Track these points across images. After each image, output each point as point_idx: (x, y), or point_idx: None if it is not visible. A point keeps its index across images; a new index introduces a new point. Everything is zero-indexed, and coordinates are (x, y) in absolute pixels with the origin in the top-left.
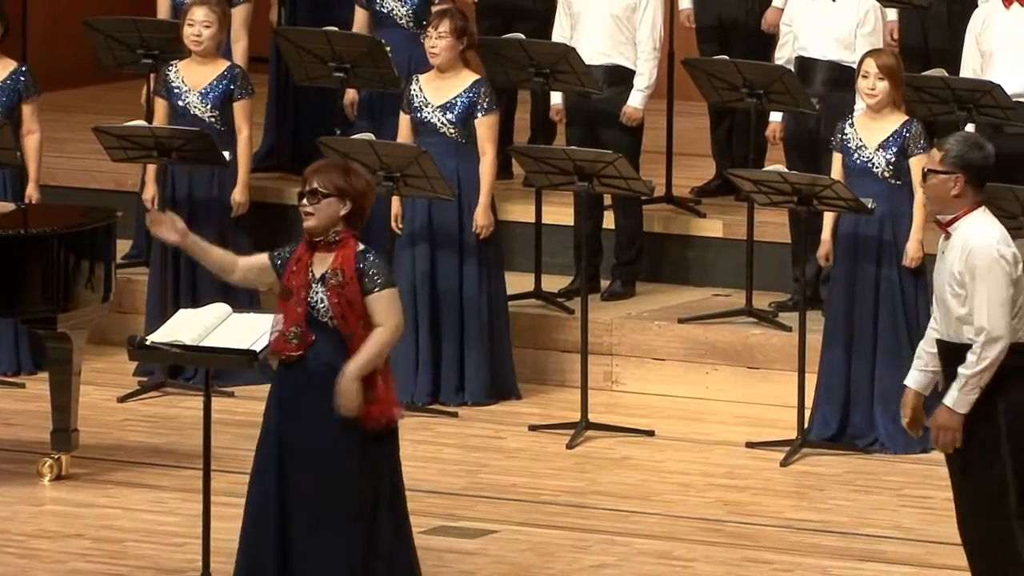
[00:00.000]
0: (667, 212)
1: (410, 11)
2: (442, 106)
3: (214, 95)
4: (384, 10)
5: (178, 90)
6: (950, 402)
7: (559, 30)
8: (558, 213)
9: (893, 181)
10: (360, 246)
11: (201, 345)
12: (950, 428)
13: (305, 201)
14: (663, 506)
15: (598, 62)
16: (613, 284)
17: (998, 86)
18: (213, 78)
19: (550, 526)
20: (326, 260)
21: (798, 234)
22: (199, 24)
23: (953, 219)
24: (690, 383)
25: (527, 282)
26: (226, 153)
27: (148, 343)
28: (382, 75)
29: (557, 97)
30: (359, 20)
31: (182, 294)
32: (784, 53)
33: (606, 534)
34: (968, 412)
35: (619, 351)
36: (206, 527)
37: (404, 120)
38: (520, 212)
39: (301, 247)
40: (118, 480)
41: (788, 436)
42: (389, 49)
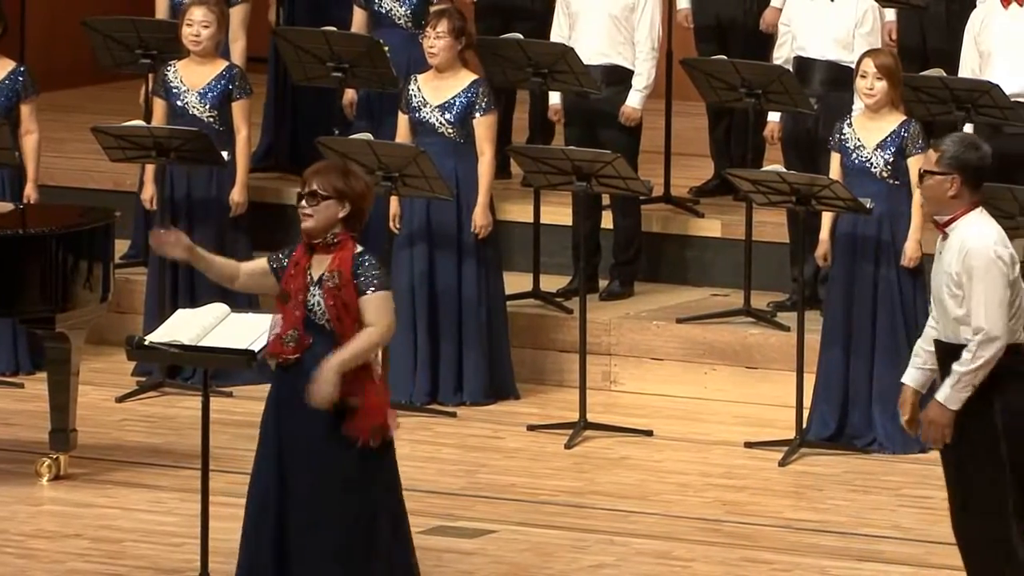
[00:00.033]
0: (665, 212)
1: (408, 11)
2: (440, 106)
3: (213, 95)
4: (382, 10)
5: (177, 90)
6: (942, 398)
7: (557, 30)
8: (556, 213)
9: (891, 181)
10: (358, 248)
11: (199, 345)
12: (940, 424)
13: (304, 203)
14: (662, 506)
15: (596, 62)
16: (611, 284)
17: (996, 86)
18: (212, 78)
19: (549, 526)
20: (324, 262)
21: (796, 234)
22: (198, 24)
23: (950, 220)
24: (688, 383)
25: (525, 282)
26: (224, 153)
27: (146, 343)
28: (380, 75)
29: (555, 97)
30: (358, 20)
31: (180, 294)
32: (782, 53)
33: (605, 534)
34: (965, 412)
35: (617, 351)
36: (204, 527)
37: (402, 120)
38: (518, 212)
39: (299, 250)
40: (116, 480)
41: (786, 436)
42: (387, 49)
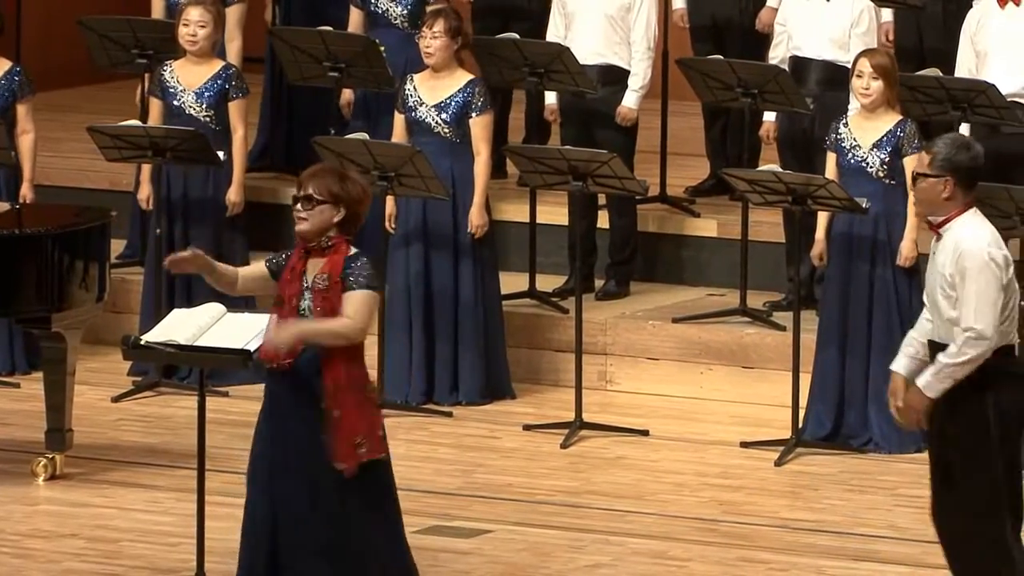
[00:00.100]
0: (661, 212)
1: (405, 11)
2: (436, 106)
3: (209, 95)
4: (379, 10)
5: (173, 90)
6: (921, 384)
7: (553, 30)
8: (552, 213)
9: (887, 181)
10: (352, 250)
11: (195, 345)
12: (916, 409)
13: (299, 206)
14: (658, 506)
15: (592, 62)
16: (607, 284)
17: (992, 86)
18: (208, 78)
19: (545, 526)
20: (319, 266)
21: (792, 234)
22: (194, 24)
23: (944, 221)
24: (684, 383)
25: (521, 282)
26: (220, 153)
27: (142, 343)
28: (376, 75)
29: (551, 97)
30: (354, 20)
31: (176, 294)
32: (778, 53)
33: (601, 534)
34: (958, 412)
35: (613, 351)
36: (200, 527)
37: (399, 120)
38: (514, 212)
39: (295, 254)
40: (113, 480)
41: (782, 436)
42: (384, 49)
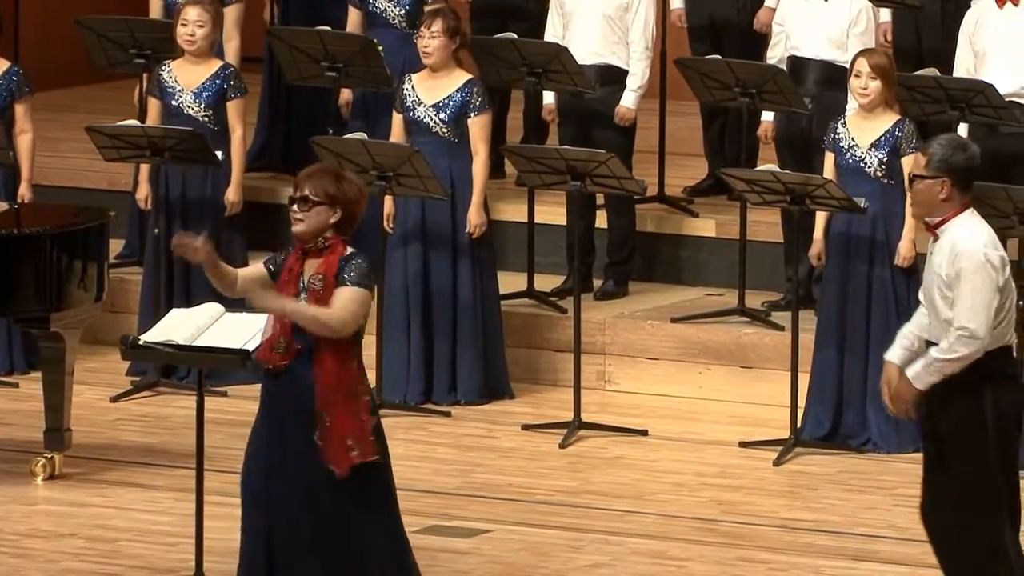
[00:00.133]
0: (660, 211)
1: (403, 11)
2: (435, 105)
3: (208, 95)
4: (377, 10)
5: (171, 90)
6: (911, 374)
7: (551, 30)
8: (551, 213)
9: (885, 180)
10: (348, 250)
11: (194, 344)
12: (904, 399)
13: (295, 207)
14: (657, 506)
15: (590, 62)
16: (606, 283)
17: (991, 86)
18: (206, 78)
19: (544, 526)
20: (314, 267)
21: (791, 233)
22: (192, 24)
23: (941, 221)
24: (683, 383)
25: (520, 281)
26: (219, 153)
27: (141, 343)
28: (374, 74)
29: (550, 97)
30: (352, 20)
31: (175, 294)
32: (776, 53)
33: (600, 534)
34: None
35: (612, 350)
36: (199, 526)
37: (397, 119)
38: (513, 212)
39: (293, 256)
40: (111, 479)
41: (781, 436)
42: (382, 49)
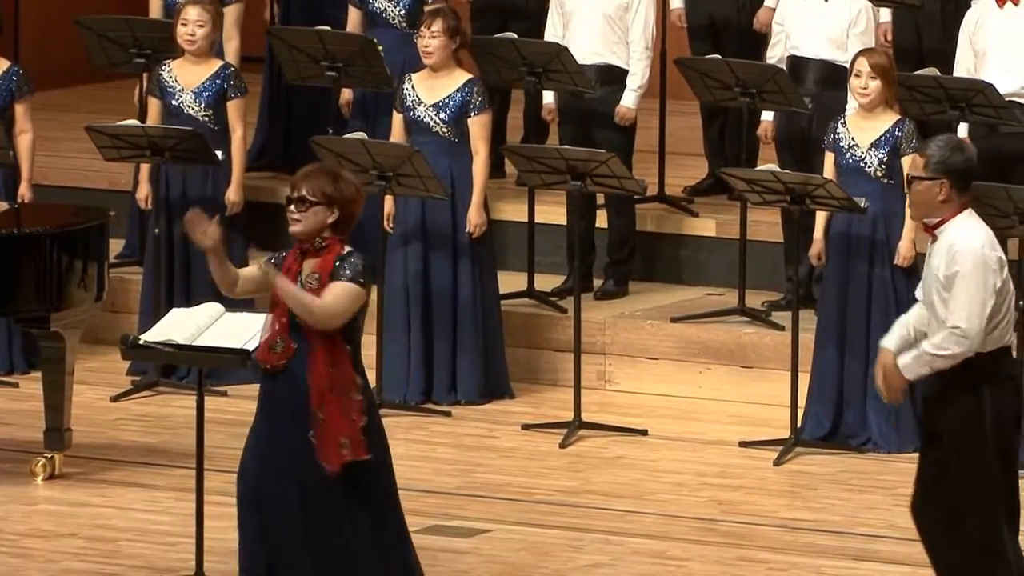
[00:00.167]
0: (660, 211)
1: (403, 11)
2: (435, 105)
3: (208, 94)
4: (377, 10)
5: (171, 89)
6: (902, 364)
7: (551, 29)
8: (551, 212)
9: (885, 180)
10: (345, 249)
11: (194, 344)
12: (895, 387)
13: (292, 207)
14: (657, 505)
15: (590, 61)
16: (606, 283)
17: (990, 85)
18: (207, 77)
19: (544, 525)
20: (312, 266)
21: (791, 233)
22: (192, 23)
23: (940, 222)
24: (683, 382)
25: (520, 281)
26: (219, 152)
27: (141, 342)
28: (374, 74)
29: (550, 96)
30: (352, 20)
31: (175, 293)
32: (776, 52)
33: (600, 533)
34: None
35: (612, 350)
36: (199, 526)
37: (397, 119)
38: (513, 211)
39: (291, 256)
40: (111, 479)
41: (781, 435)
42: (382, 49)
